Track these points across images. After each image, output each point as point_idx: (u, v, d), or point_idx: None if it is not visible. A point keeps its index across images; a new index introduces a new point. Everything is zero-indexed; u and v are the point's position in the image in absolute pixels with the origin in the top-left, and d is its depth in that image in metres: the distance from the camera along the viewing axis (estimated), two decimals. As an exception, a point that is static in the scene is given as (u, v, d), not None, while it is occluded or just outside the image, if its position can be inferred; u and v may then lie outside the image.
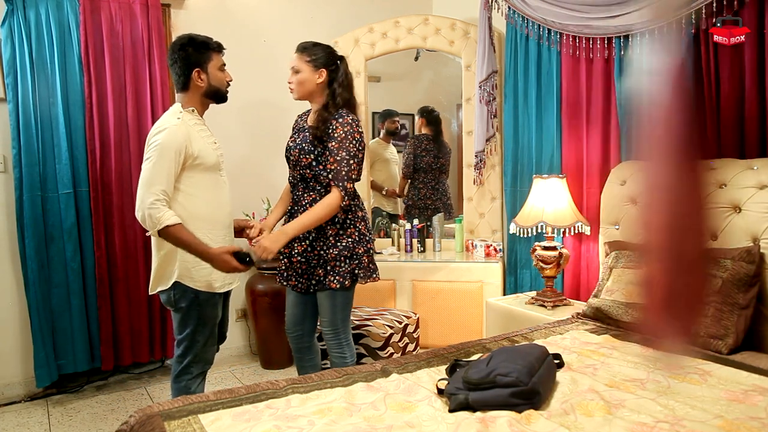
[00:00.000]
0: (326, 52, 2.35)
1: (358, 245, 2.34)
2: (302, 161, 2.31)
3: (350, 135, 2.27)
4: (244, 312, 3.80)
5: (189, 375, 2.21)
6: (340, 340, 2.40)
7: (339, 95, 2.32)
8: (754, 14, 2.23)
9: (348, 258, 2.31)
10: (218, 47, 2.23)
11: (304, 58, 2.32)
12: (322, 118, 2.30)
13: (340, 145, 2.25)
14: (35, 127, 2.99)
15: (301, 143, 2.34)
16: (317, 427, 1.46)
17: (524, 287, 3.36)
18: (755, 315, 2.05)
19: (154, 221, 1.97)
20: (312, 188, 2.33)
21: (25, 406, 3.09)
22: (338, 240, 2.31)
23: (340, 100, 2.32)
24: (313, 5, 3.91)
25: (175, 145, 2.03)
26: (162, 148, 2.01)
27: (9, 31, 2.93)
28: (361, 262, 2.34)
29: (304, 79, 2.32)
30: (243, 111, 3.68)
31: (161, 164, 2.00)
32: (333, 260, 2.30)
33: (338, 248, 2.30)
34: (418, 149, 4.05)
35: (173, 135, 2.04)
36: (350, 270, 2.32)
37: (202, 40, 2.18)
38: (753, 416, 1.44)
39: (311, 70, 2.32)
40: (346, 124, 2.27)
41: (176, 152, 2.03)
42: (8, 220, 3.09)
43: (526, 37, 3.23)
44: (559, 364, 1.79)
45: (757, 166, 2.19)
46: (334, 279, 2.30)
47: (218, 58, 2.22)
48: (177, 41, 2.17)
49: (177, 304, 2.16)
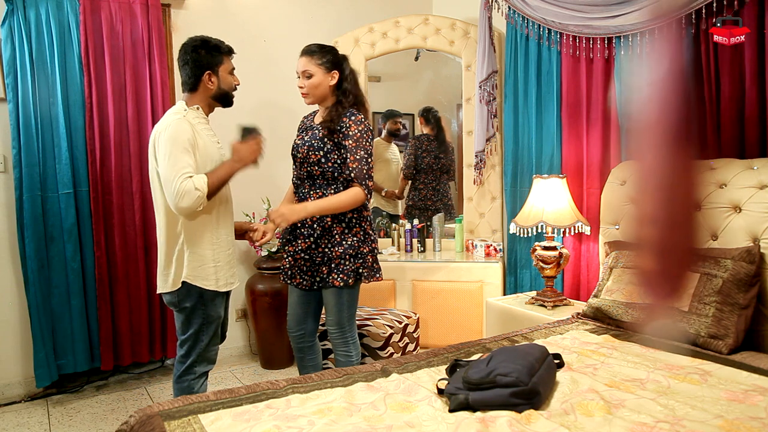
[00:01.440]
0: (333, 53, 2.37)
1: (363, 244, 2.36)
2: (311, 158, 2.32)
3: (365, 133, 2.31)
4: (244, 312, 3.80)
5: (192, 375, 2.21)
6: (347, 339, 2.41)
7: (350, 93, 2.36)
8: (754, 14, 2.23)
9: (352, 257, 2.33)
10: (229, 51, 2.24)
11: (315, 62, 2.32)
12: (336, 113, 2.33)
13: (358, 144, 2.28)
14: (35, 127, 2.99)
15: (310, 140, 2.35)
16: (317, 427, 1.46)
17: (524, 287, 3.36)
18: (755, 315, 2.05)
19: (192, 196, 1.97)
20: (319, 186, 2.34)
21: (25, 406, 3.09)
22: (344, 238, 2.33)
23: (351, 99, 2.36)
24: (313, 5, 3.91)
25: (184, 136, 2.03)
26: (173, 141, 2.01)
27: (9, 31, 2.93)
28: (365, 262, 2.36)
29: (319, 83, 2.32)
30: (243, 111, 3.67)
31: (176, 154, 2.00)
32: (337, 258, 2.32)
33: (343, 246, 2.32)
34: (419, 149, 4.05)
35: (179, 127, 2.04)
36: (354, 269, 2.33)
37: (215, 43, 2.19)
38: (753, 416, 1.44)
39: (324, 72, 2.32)
40: (359, 123, 2.31)
41: (187, 140, 2.04)
42: (8, 220, 3.09)
43: (526, 37, 3.23)
44: (559, 364, 1.79)
45: (757, 166, 2.19)
46: (338, 277, 2.31)
47: (229, 62, 2.23)
48: (190, 42, 2.16)
49: (181, 304, 2.16)
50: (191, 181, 1.99)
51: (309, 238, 2.35)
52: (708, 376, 1.72)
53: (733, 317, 2.00)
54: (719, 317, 2.01)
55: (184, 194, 1.97)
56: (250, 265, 3.73)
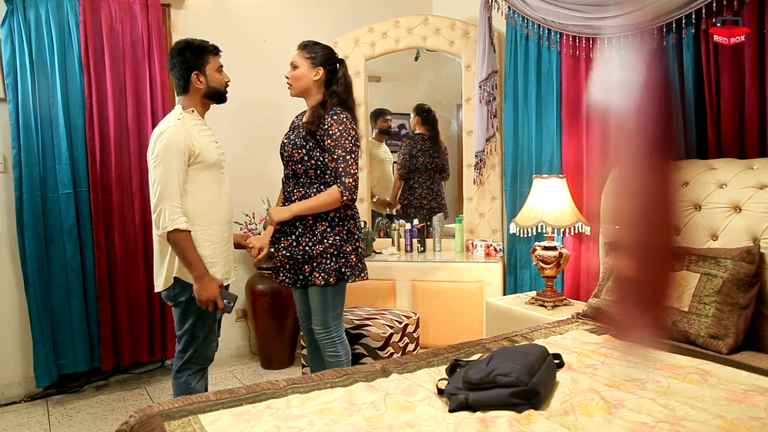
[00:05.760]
0: (325, 51, 2.40)
1: (346, 243, 2.36)
2: (294, 156, 2.36)
3: (345, 132, 2.30)
4: (244, 312, 3.80)
5: (189, 371, 2.26)
6: (333, 339, 2.41)
7: (336, 94, 2.37)
8: (754, 14, 2.23)
9: (335, 256, 2.33)
10: (215, 50, 2.28)
11: (303, 55, 2.37)
12: (317, 114, 2.35)
13: (336, 143, 2.30)
14: (35, 127, 2.99)
15: (295, 139, 2.39)
16: (317, 427, 1.46)
17: (524, 287, 3.36)
18: (755, 315, 2.05)
19: (167, 222, 2.05)
20: (302, 184, 2.36)
21: (25, 406, 3.09)
22: (325, 237, 2.33)
23: (336, 99, 2.37)
24: (313, 5, 3.91)
25: (177, 147, 2.10)
26: (167, 151, 2.09)
27: (9, 31, 2.93)
28: (348, 261, 2.36)
29: (301, 75, 2.36)
30: (243, 111, 3.68)
31: (170, 169, 2.09)
32: (318, 256, 2.32)
33: (324, 245, 2.32)
34: (414, 149, 4.04)
35: (174, 136, 2.11)
36: (337, 268, 2.34)
37: (198, 44, 2.24)
38: (753, 416, 1.44)
39: (309, 66, 2.36)
40: (341, 122, 2.32)
41: (181, 152, 2.11)
42: (8, 220, 3.09)
43: (526, 37, 3.23)
44: (559, 364, 1.79)
45: (757, 166, 2.19)
46: (319, 275, 2.32)
47: (215, 60, 2.28)
48: (174, 47, 2.23)
49: (176, 299, 2.22)
50: (179, 215, 2.07)
51: (290, 236, 2.37)
52: (708, 376, 1.72)
53: (733, 317, 2.00)
54: (719, 317, 2.01)
55: (160, 220, 2.07)
56: (249, 265, 3.73)
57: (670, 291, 1.98)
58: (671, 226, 1.14)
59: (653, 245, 0.97)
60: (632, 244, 1.00)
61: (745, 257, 2.06)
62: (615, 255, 2.41)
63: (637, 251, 0.99)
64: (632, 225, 0.99)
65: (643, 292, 0.99)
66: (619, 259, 1.04)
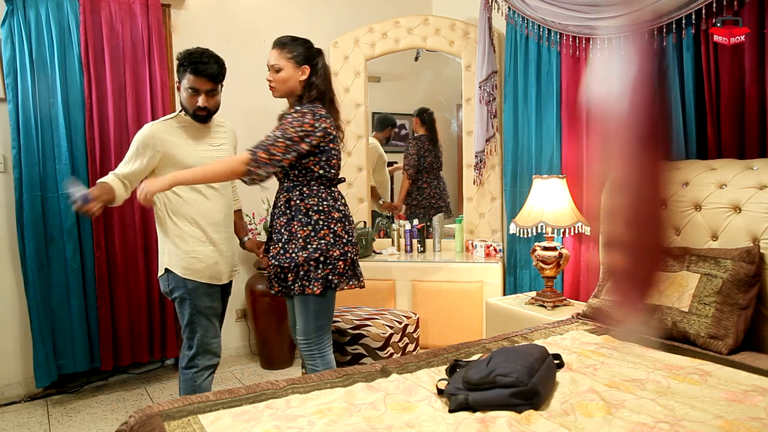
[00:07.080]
0: (306, 47, 2.23)
1: (332, 248, 2.16)
2: None
3: (297, 121, 2.10)
4: (244, 312, 3.80)
5: (195, 367, 2.31)
6: (312, 352, 2.23)
7: (315, 88, 2.21)
8: (754, 14, 2.23)
9: (321, 263, 2.15)
10: (193, 69, 2.16)
11: (285, 55, 2.19)
12: (291, 108, 2.22)
13: (279, 126, 2.14)
14: (35, 127, 2.99)
15: None
16: (317, 427, 1.46)
17: (524, 287, 3.36)
18: (755, 315, 2.05)
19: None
20: (285, 189, 2.22)
21: (24, 406, 3.09)
22: (308, 242, 2.15)
23: (315, 93, 2.20)
24: (313, 5, 3.91)
25: (141, 140, 2.21)
26: (133, 142, 2.24)
27: (9, 31, 2.93)
28: (335, 268, 2.18)
29: (288, 77, 2.19)
30: (243, 111, 3.67)
31: (129, 153, 2.23)
32: (303, 264, 2.15)
33: (308, 251, 2.14)
34: (421, 149, 4.07)
35: (143, 131, 2.23)
36: (323, 276, 2.16)
37: (181, 56, 2.21)
38: (753, 416, 1.44)
39: (293, 67, 2.19)
40: (299, 112, 2.14)
41: (142, 146, 2.20)
42: (8, 220, 3.09)
43: (526, 37, 3.23)
44: (559, 365, 1.79)
45: (757, 166, 2.19)
46: (301, 284, 2.16)
47: (191, 80, 2.18)
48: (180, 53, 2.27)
49: (172, 293, 2.29)
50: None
51: (278, 243, 2.20)
52: (708, 377, 1.72)
53: (732, 317, 2.00)
54: (719, 317, 2.01)
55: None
56: (250, 265, 3.73)
57: (658, 284, 2.00)
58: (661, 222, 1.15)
59: (642, 240, 0.98)
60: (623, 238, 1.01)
61: (745, 257, 2.06)
62: (607, 249, 2.42)
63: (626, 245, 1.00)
64: (623, 220, 1.00)
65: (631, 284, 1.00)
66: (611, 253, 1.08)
